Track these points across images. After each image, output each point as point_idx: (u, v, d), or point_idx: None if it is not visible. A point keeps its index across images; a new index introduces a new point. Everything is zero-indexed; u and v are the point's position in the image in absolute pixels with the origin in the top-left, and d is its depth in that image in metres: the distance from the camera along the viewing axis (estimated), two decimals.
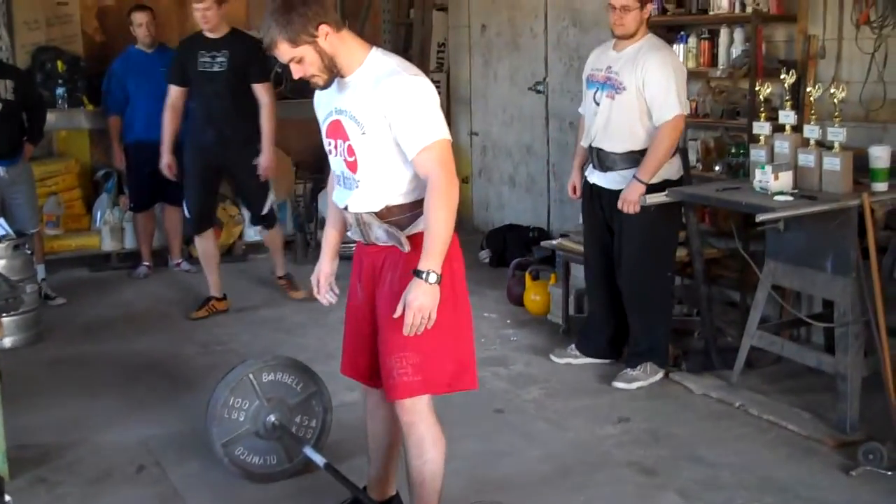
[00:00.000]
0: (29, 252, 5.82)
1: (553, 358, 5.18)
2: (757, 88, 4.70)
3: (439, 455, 3.13)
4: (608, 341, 5.07)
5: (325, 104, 3.13)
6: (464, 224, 8.78)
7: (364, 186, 3.05)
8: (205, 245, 6.20)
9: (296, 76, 2.98)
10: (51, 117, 6.71)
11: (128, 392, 4.92)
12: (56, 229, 7.29)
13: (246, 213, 7.54)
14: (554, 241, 5.90)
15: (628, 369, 4.87)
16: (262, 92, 5.93)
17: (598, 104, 4.80)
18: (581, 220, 5.41)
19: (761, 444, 4.17)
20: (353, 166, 3.04)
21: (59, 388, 5.03)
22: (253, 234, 7.64)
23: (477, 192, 8.69)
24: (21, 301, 5.56)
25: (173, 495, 3.83)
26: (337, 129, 3.06)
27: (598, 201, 4.94)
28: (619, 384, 4.82)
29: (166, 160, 6.12)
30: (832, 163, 4.26)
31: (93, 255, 7.42)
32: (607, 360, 5.06)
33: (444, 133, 2.94)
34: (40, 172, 6.99)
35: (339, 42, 2.96)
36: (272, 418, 3.80)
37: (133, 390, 4.95)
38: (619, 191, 4.77)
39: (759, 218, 4.10)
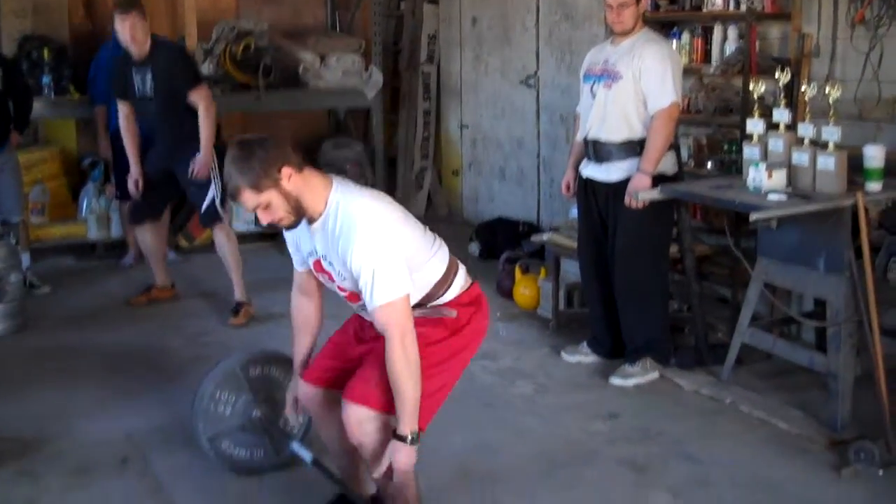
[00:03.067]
0: (14, 241, 5.77)
1: (564, 356, 5.13)
2: (751, 86, 4.67)
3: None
4: (617, 342, 5.00)
5: (302, 242, 3.16)
6: (454, 216, 8.77)
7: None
8: (143, 237, 6.14)
9: (264, 222, 2.99)
10: (37, 106, 6.63)
11: (112, 383, 4.86)
12: (41, 217, 7.24)
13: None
14: (544, 236, 5.87)
15: (626, 365, 4.83)
16: (196, 98, 5.68)
17: (594, 96, 4.79)
18: (570, 215, 5.37)
19: (752, 441, 4.14)
20: (352, 298, 3.10)
21: (41, 378, 4.96)
22: (242, 227, 7.57)
23: (467, 185, 8.66)
24: (4, 291, 5.54)
25: (157, 489, 3.78)
26: (321, 268, 3.12)
27: (593, 196, 4.91)
28: (615, 380, 4.78)
29: (135, 174, 5.92)
30: (826, 162, 4.23)
31: (79, 243, 7.36)
32: (619, 360, 4.94)
33: (402, 290, 2.92)
34: (26, 160, 6.94)
35: (302, 183, 2.95)
36: (259, 413, 3.75)
37: (117, 381, 4.89)
38: (614, 183, 4.75)
39: (753, 217, 4.06)
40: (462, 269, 3.21)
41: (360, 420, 3.01)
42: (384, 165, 8.52)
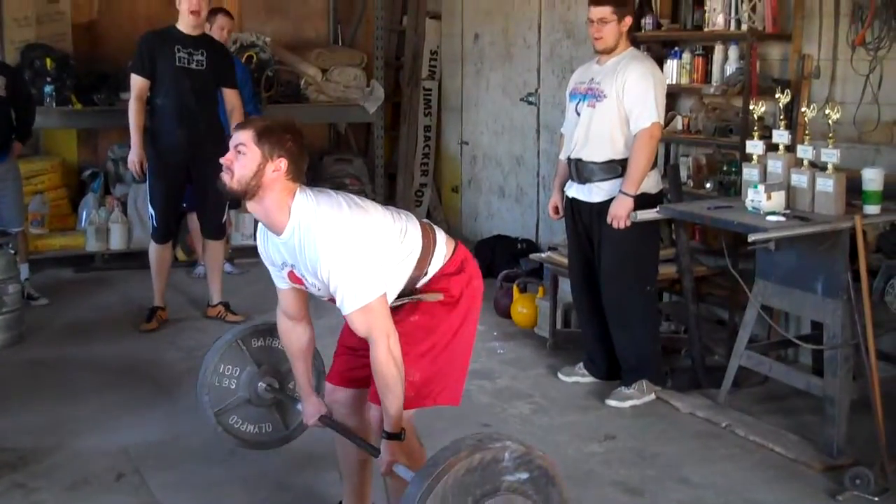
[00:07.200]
0: (13, 251, 5.77)
1: (561, 376, 5.12)
2: (751, 107, 4.67)
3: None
4: (612, 362, 4.99)
5: (272, 253, 3.16)
6: (452, 233, 8.73)
7: None
8: (165, 254, 6.01)
9: (223, 159, 3.05)
10: (38, 115, 6.61)
11: (108, 397, 4.86)
12: (41, 228, 7.24)
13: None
14: (542, 254, 5.88)
15: (623, 387, 4.83)
16: (234, 97, 5.86)
17: (579, 115, 4.80)
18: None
19: (747, 465, 4.13)
20: (332, 301, 3.07)
21: (38, 390, 4.95)
22: (240, 238, 7.58)
23: (466, 202, 8.65)
24: (2, 302, 5.53)
25: None
26: (296, 277, 3.14)
27: (579, 216, 4.92)
28: (612, 402, 4.77)
29: (137, 156, 5.71)
30: (825, 184, 4.24)
31: (77, 255, 7.35)
32: (615, 381, 4.94)
33: (375, 293, 2.95)
34: (26, 170, 6.93)
35: (280, 186, 2.99)
36: (264, 384, 3.68)
37: (114, 395, 4.88)
38: (598, 203, 4.76)
39: (752, 238, 4.06)
40: (441, 239, 3.20)
41: None
42: (384, 181, 8.52)
